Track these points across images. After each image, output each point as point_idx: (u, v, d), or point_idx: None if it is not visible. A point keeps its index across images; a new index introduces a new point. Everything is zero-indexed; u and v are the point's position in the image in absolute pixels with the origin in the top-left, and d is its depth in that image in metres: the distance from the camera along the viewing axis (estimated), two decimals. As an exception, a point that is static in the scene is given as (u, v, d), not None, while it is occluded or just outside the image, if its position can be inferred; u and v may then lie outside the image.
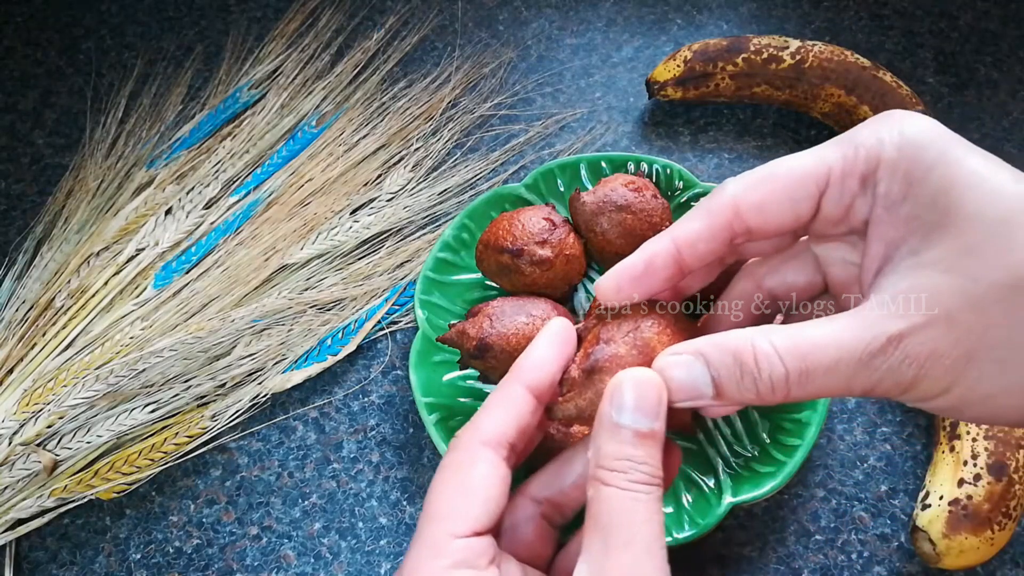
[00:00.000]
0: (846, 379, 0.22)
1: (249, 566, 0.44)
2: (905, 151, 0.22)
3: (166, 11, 0.69)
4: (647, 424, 0.24)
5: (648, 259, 0.25)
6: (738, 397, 0.23)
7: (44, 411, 0.46)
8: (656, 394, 0.24)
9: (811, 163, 0.24)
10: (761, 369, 0.22)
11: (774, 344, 0.22)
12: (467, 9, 0.68)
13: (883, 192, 0.23)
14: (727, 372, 0.23)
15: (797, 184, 0.24)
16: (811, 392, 0.22)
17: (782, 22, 0.68)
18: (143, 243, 0.53)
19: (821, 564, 0.43)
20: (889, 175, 0.23)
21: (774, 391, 0.22)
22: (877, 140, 0.23)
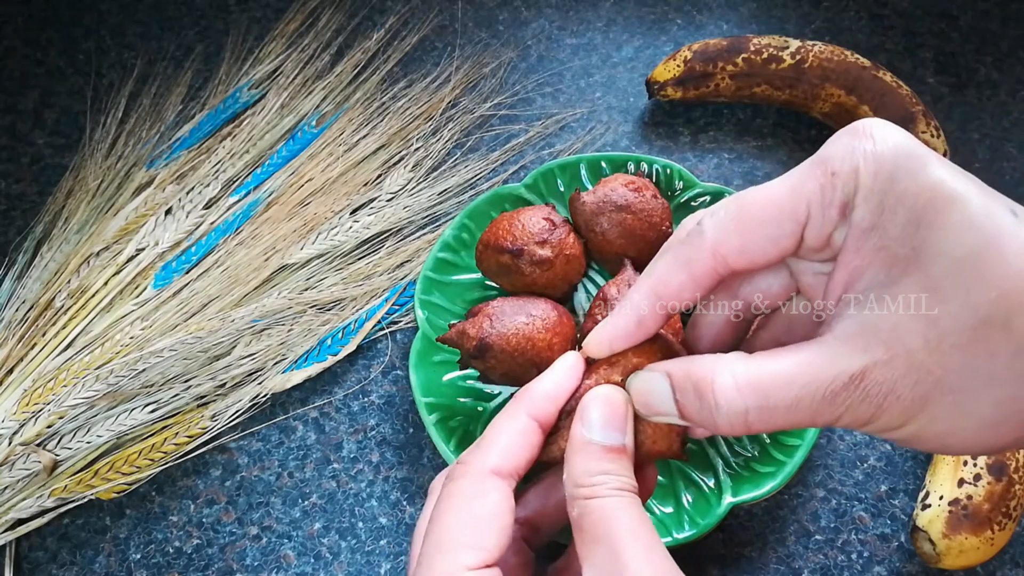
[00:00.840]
0: (808, 415, 0.22)
1: (249, 566, 0.44)
2: (880, 177, 0.22)
3: (166, 11, 0.68)
4: (617, 439, 0.25)
5: (637, 319, 0.25)
6: (700, 424, 0.24)
7: (44, 411, 0.46)
8: (622, 410, 0.25)
9: (788, 198, 0.23)
10: (719, 405, 0.22)
11: (736, 378, 0.22)
12: (467, 9, 0.68)
13: (857, 220, 0.22)
14: (688, 401, 0.23)
15: (776, 223, 0.23)
16: (772, 427, 0.22)
17: (782, 22, 0.68)
18: (143, 243, 0.53)
19: (821, 564, 0.43)
20: (864, 202, 0.22)
21: (732, 427, 0.23)
22: (852, 167, 0.22)
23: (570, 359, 0.27)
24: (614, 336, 0.26)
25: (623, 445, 0.25)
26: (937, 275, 0.20)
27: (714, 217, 0.24)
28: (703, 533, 0.41)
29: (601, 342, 0.26)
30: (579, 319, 0.49)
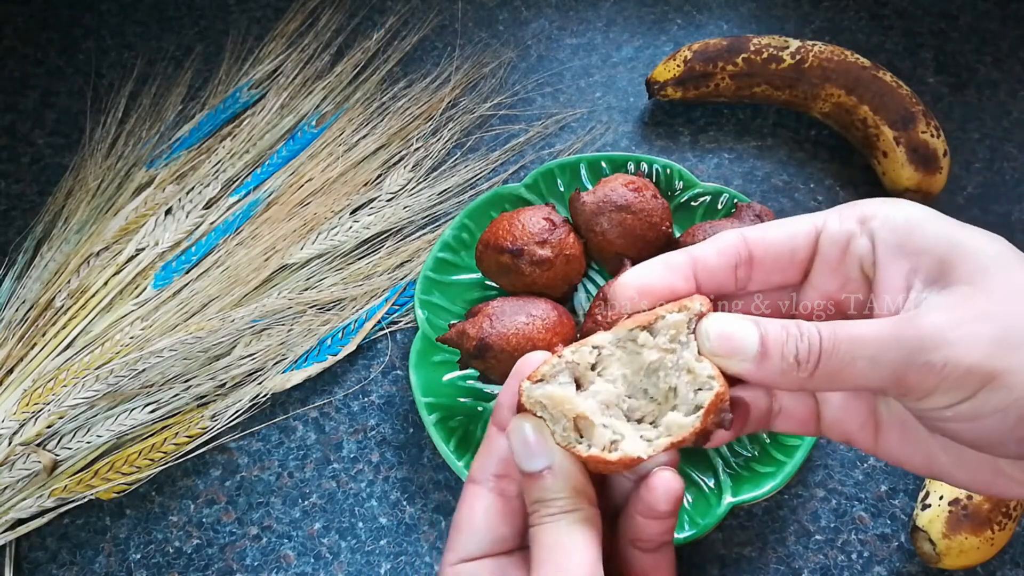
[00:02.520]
0: (886, 371, 0.23)
1: (249, 566, 0.44)
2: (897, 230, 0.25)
3: (166, 11, 0.68)
4: (538, 465, 0.26)
5: (666, 263, 0.27)
6: (778, 363, 0.24)
7: (44, 411, 0.46)
8: (531, 436, 0.26)
9: (809, 217, 0.27)
10: (802, 333, 0.24)
11: (814, 323, 0.24)
12: (467, 9, 0.68)
13: (884, 237, 0.25)
14: (774, 333, 0.24)
15: (796, 223, 0.27)
16: (838, 364, 0.23)
17: (782, 22, 0.68)
18: (143, 243, 0.53)
19: (821, 564, 0.43)
20: (882, 224, 0.25)
21: (809, 355, 0.24)
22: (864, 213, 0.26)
23: (536, 357, 0.28)
24: (643, 275, 0.26)
25: (549, 467, 0.26)
26: (974, 273, 0.23)
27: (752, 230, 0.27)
28: (703, 533, 0.41)
29: (628, 283, 0.26)
30: (579, 319, 0.49)
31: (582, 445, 0.26)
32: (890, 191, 0.56)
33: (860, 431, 0.28)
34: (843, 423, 0.28)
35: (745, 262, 0.27)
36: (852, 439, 0.29)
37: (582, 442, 0.26)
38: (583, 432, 0.26)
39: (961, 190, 0.58)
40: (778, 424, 0.29)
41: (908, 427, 0.27)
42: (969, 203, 0.58)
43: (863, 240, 0.26)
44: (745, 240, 0.27)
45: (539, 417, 0.26)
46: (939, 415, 0.23)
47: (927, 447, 0.27)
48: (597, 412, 0.26)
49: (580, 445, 0.26)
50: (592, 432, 0.26)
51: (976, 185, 0.58)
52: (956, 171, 0.59)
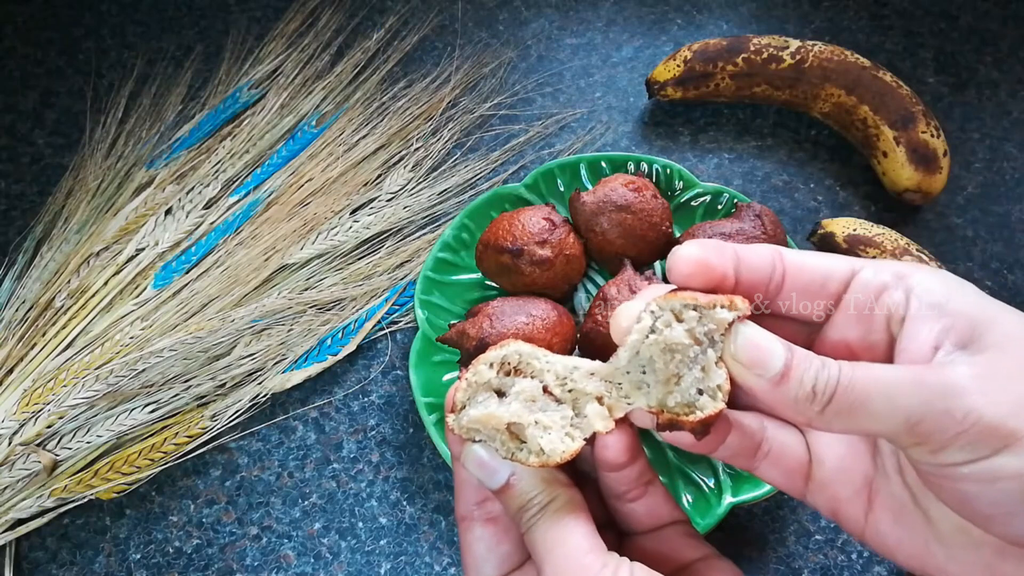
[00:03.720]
0: (889, 397, 0.23)
1: (249, 566, 0.44)
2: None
3: (166, 11, 0.68)
4: (501, 478, 0.27)
5: (718, 245, 0.27)
6: (795, 389, 0.24)
7: (44, 411, 0.46)
8: (483, 456, 0.27)
9: (844, 258, 0.27)
10: (824, 364, 0.24)
11: (836, 361, 0.24)
12: (467, 9, 0.68)
13: (921, 293, 0.25)
14: (800, 358, 0.24)
15: (833, 258, 0.27)
16: (852, 401, 0.23)
17: (782, 22, 0.68)
18: (143, 243, 0.53)
19: (821, 564, 0.43)
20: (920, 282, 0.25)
21: (826, 388, 0.23)
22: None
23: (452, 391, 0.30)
24: (702, 252, 0.26)
25: (507, 482, 0.27)
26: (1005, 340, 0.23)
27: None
28: (703, 533, 0.41)
29: (687, 256, 0.26)
30: (579, 319, 0.49)
31: (522, 452, 0.26)
32: (890, 191, 0.56)
33: (851, 501, 0.27)
34: (835, 486, 0.28)
35: (778, 277, 0.27)
36: (839, 510, 0.27)
37: (523, 449, 0.26)
38: (522, 437, 0.27)
39: (961, 190, 0.58)
40: (764, 468, 0.28)
41: (904, 511, 0.26)
42: (969, 203, 0.58)
43: (897, 293, 0.25)
44: (782, 256, 0.27)
45: (477, 442, 0.27)
46: (953, 472, 0.23)
47: (922, 535, 0.26)
48: (524, 412, 0.27)
49: (521, 453, 0.26)
50: (525, 433, 0.27)
51: (976, 185, 0.58)
52: (956, 171, 0.59)
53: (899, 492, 0.26)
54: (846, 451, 0.28)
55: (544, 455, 0.26)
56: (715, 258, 0.26)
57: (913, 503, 0.26)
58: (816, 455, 0.28)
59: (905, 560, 0.26)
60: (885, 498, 0.27)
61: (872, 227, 0.52)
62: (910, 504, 0.26)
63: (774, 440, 0.28)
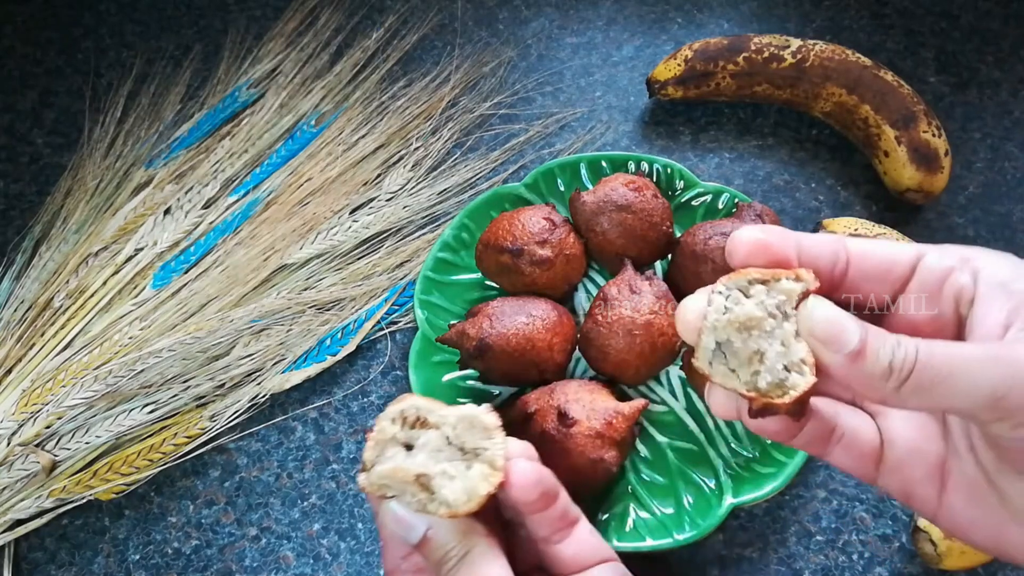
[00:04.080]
0: (970, 373, 0.22)
1: (248, 567, 0.43)
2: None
3: (165, 10, 0.68)
4: (418, 532, 0.28)
5: (780, 230, 0.27)
6: (872, 366, 0.24)
7: (43, 411, 0.45)
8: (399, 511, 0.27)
9: (909, 244, 0.27)
10: (900, 342, 0.23)
11: (911, 338, 0.24)
12: (467, 8, 0.68)
13: (988, 275, 0.25)
14: (875, 334, 0.24)
15: (898, 245, 0.27)
16: (930, 378, 0.23)
17: (783, 21, 0.67)
18: (142, 243, 0.53)
19: (822, 565, 0.43)
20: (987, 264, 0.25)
21: (903, 365, 0.23)
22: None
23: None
24: (763, 233, 0.26)
25: (427, 531, 0.28)
26: None
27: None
28: (704, 534, 0.41)
29: (747, 237, 0.26)
30: (579, 319, 0.49)
31: (433, 504, 0.27)
32: (892, 191, 0.56)
33: (924, 482, 0.27)
34: (907, 468, 0.27)
35: (842, 264, 0.27)
36: (913, 493, 0.27)
37: (433, 500, 0.27)
38: (431, 488, 0.27)
39: (962, 190, 0.58)
40: (836, 454, 0.28)
41: (978, 490, 0.26)
42: (970, 203, 0.58)
43: (964, 276, 0.26)
44: (846, 245, 0.27)
45: (391, 497, 0.27)
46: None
47: (997, 515, 0.26)
48: (430, 463, 0.27)
49: (432, 504, 0.27)
50: (432, 484, 0.27)
51: (977, 185, 0.58)
52: (957, 171, 0.59)
53: (972, 472, 0.26)
54: (917, 433, 0.28)
55: (450, 506, 0.26)
56: (776, 241, 0.26)
57: (987, 482, 0.26)
58: (888, 438, 0.28)
59: (980, 540, 0.26)
60: (958, 478, 0.27)
61: (873, 227, 0.52)
62: (984, 484, 0.26)
63: (847, 425, 0.28)
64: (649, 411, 0.46)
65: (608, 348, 0.42)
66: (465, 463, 0.27)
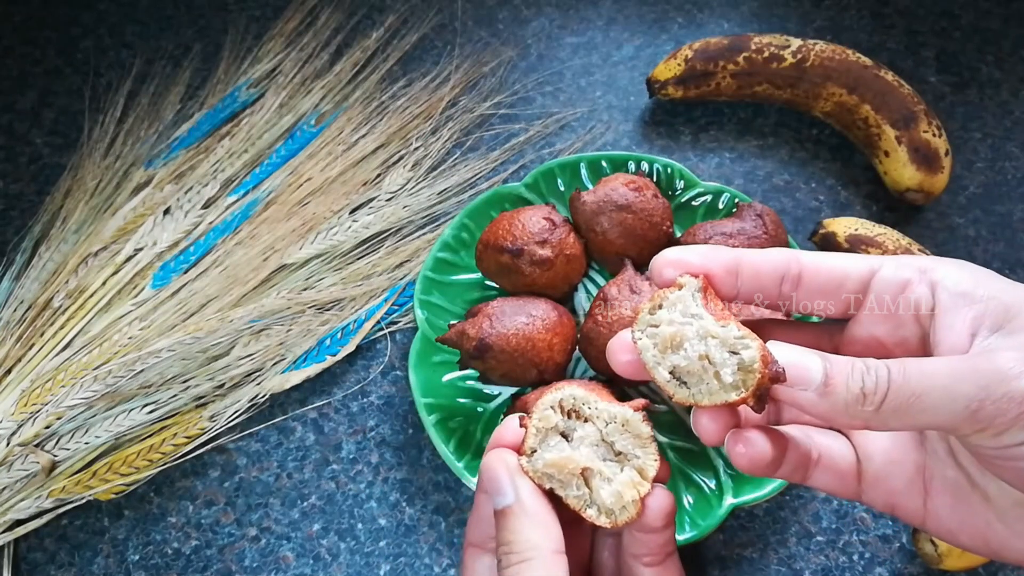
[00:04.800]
0: (946, 388, 0.23)
1: (248, 567, 0.43)
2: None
3: (164, 10, 0.68)
4: (505, 501, 0.27)
5: (713, 248, 0.27)
6: (843, 394, 0.24)
7: (42, 412, 0.45)
8: (502, 468, 0.27)
9: (863, 256, 0.27)
10: (868, 366, 0.23)
11: (881, 360, 0.24)
12: (467, 8, 0.68)
13: (948, 285, 0.25)
14: (839, 364, 0.24)
15: (851, 258, 0.27)
16: (907, 397, 0.23)
17: (783, 21, 0.67)
18: (141, 243, 0.53)
19: (822, 565, 0.43)
20: (946, 275, 0.25)
21: (876, 388, 0.23)
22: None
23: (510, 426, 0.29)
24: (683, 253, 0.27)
25: (508, 506, 0.27)
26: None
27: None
28: (704, 534, 0.40)
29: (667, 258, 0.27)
30: (579, 319, 0.49)
31: (592, 510, 0.27)
32: (892, 191, 0.56)
33: (907, 492, 0.27)
34: (888, 480, 0.28)
35: (793, 278, 0.27)
36: (897, 504, 0.28)
37: (592, 506, 0.27)
38: (591, 485, 0.27)
39: (963, 190, 0.58)
40: (817, 477, 0.28)
41: (961, 492, 0.26)
42: (971, 203, 0.57)
43: (922, 287, 0.26)
44: (798, 259, 0.27)
45: (549, 489, 0.27)
46: (1017, 452, 0.23)
47: (982, 515, 0.26)
48: (595, 458, 0.27)
49: (591, 510, 0.27)
50: (592, 482, 0.27)
51: (978, 185, 0.58)
52: (958, 171, 0.58)
53: (953, 475, 0.26)
54: (893, 444, 0.28)
55: (607, 512, 0.26)
56: (696, 259, 0.26)
57: (969, 484, 0.26)
58: (864, 453, 0.28)
59: (969, 541, 0.26)
60: (940, 483, 0.27)
61: (874, 227, 0.52)
62: (966, 485, 0.26)
63: (821, 446, 0.28)
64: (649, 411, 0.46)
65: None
66: (618, 464, 0.27)
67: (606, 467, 0.27)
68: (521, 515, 0.27)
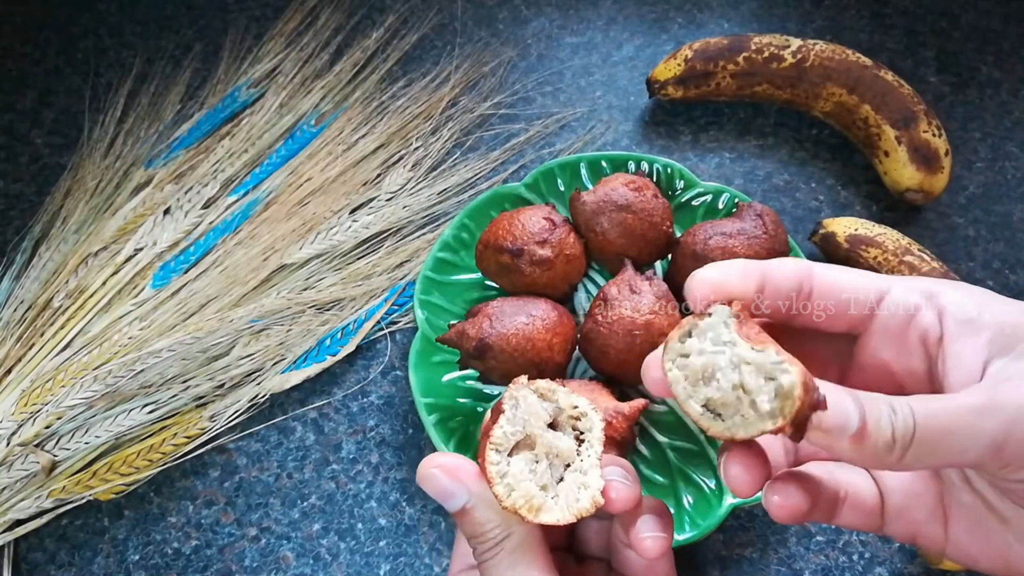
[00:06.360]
0: (970, 426, 0.22)
1: (248, 567, 0.43)
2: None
3: (164, 10, 0.68)
4: (459, 502, 0.27)
5: (744, 264, 0.27)
6: (875, 441, 0.23)
7: (42, 411, 0.45)
8: (442, 477, 0.27)
9: (873, 276, 0.27)
10: (895, 409, 0.23)
11: (901, 398, 0.23)
12: (467, 8, 0.68)
13: (954, 311, 0.25)
14: (872, 406, 0.23)
15: (864, 277, 0.27)
16: (932, 440, 0.22)
17: (783, 21, 0.67)
18: (141, 243, 0.53)
19: (822, 565, 0.43)
20: (951, 300, 0.25)
21: (904, 433, 0.23)
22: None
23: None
24: (721, 273, 0.26)
25: (466, 504, 0.27)
26: None
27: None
28: (704, 534, 0.40)
29: (705, 279, 0.26)
30: (579, 319, 0.49)
31: (557, 512, 0.27)
32: (892, 191, 0.56)
33: (928, 522, 0.27)
34: (910, 512, 0.27)
35: (805, 294, 0.26)
36: (920, 532, 0.27)
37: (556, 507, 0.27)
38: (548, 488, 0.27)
39: (963, 190, 0.58)
40: (844, 515, 0.28)
41: (979, 517, 0.26)
42: (971, 203, 0.58)
43: (928, 313, 0.25)
44: (812, 273, 0.26)
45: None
46: None
47: (1001, 539, 0.26)
48: (545, 478, 0.27)
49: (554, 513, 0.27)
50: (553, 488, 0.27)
51: (978, 185, 0.58)
52: (958, 171, 0.58)
53: (970, 500, 0.26)
54: (911, 476, 0.28)
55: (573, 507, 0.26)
56: (735, 279, 0.26)
57: (986, 508, 0.26)
58: (884, 487, 0.28)
59: (990, 566, 0.26)
60: (958, 509, 0.27)
61: (873, 227, 0.52)
62: (983, 509, 0.26)
63: (847, 484, 0.28)
64: (649, 411, 0.46)
65: (608, 348, 0.42)
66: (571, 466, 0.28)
67: (558, 483, 0.27)
68: (480, 504, 0.27)
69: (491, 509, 0.27)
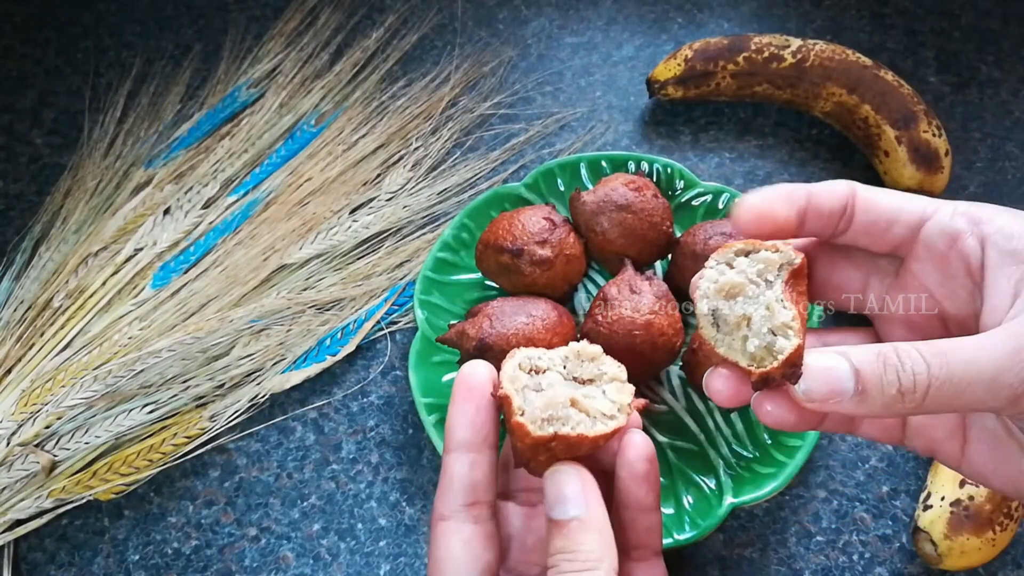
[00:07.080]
0: (990, 379, 0.22)
1: (248, 567, 0.43)
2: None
3: (164, 10, 0.68)
4: (569, 513, 0.26)
5: (788, 191, 0.27)
6: (879, 397, 0.23)
7: (42, 411, 0.45)
8: (568, 484, 0.26)
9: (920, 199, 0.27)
10: (903, 362, 0.23)
11: (916, 346, 0.23)
12: (467, 8, 0.68)
13: (997, 241, 0.24)
14: (870, 366, 0.23)
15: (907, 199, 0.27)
16: (950, 392, 0.22)
17: (783, 21, 0.67)
18: (141, 243, 0.53)
19: (822, 565, 0.43)
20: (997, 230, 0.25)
21: (915, 387, 0.22)
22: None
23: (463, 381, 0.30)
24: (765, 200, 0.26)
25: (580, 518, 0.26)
26: None
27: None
28: (704, 534, 0.40)
29: (750, 204, 0.26)
30: (579, 319, 0.49)
31: (599, 424, 0.28)
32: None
33: (947, 441, 0.27)
34: (930, 431, 0.28)
35: (848, 216, 0.26)
36: (937, 449, 0.28)
37: (594, 423, 0.28)
38: (585, 408, 0.28)
39: (963, 190, 0.58)
40: (864, 427, 0.28)
41: (998, 441, 0.26)
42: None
43: (971, 241, 0.25)
44: (855, 194, 0.26)
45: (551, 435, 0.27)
46: None
47: (1016, 463, 0.26)
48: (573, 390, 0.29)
49: (598, 425, 0.28)
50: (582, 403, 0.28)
51: (978, 185, 0.58)
52: (958, 171, 0.58)
53: (991, 425, 0.26)
54: None
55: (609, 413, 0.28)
56: (780, 206, 0.26)
57: (1007, 434, 0.26)
58: None
59: (1001, 485, 0.27)
60: (978, 432, 0.27)
61: (873, 227, 0.52)
62: (1004, 435, 0.26)
63: None
64: (649, 411, 0.46)
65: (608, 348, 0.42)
66: (596, 388, 0.29)
67: (587, 390, 0.29)
68: (591, 527, 0.26)
69: (600, 536, 0.26)
